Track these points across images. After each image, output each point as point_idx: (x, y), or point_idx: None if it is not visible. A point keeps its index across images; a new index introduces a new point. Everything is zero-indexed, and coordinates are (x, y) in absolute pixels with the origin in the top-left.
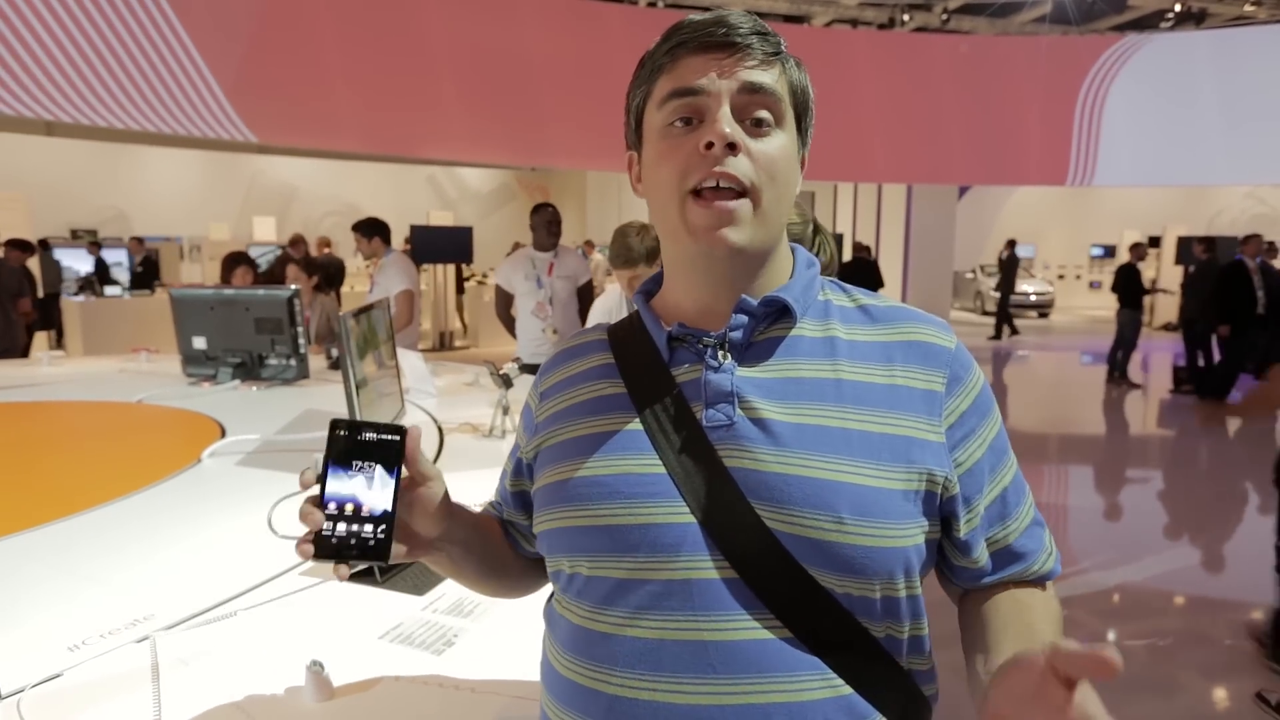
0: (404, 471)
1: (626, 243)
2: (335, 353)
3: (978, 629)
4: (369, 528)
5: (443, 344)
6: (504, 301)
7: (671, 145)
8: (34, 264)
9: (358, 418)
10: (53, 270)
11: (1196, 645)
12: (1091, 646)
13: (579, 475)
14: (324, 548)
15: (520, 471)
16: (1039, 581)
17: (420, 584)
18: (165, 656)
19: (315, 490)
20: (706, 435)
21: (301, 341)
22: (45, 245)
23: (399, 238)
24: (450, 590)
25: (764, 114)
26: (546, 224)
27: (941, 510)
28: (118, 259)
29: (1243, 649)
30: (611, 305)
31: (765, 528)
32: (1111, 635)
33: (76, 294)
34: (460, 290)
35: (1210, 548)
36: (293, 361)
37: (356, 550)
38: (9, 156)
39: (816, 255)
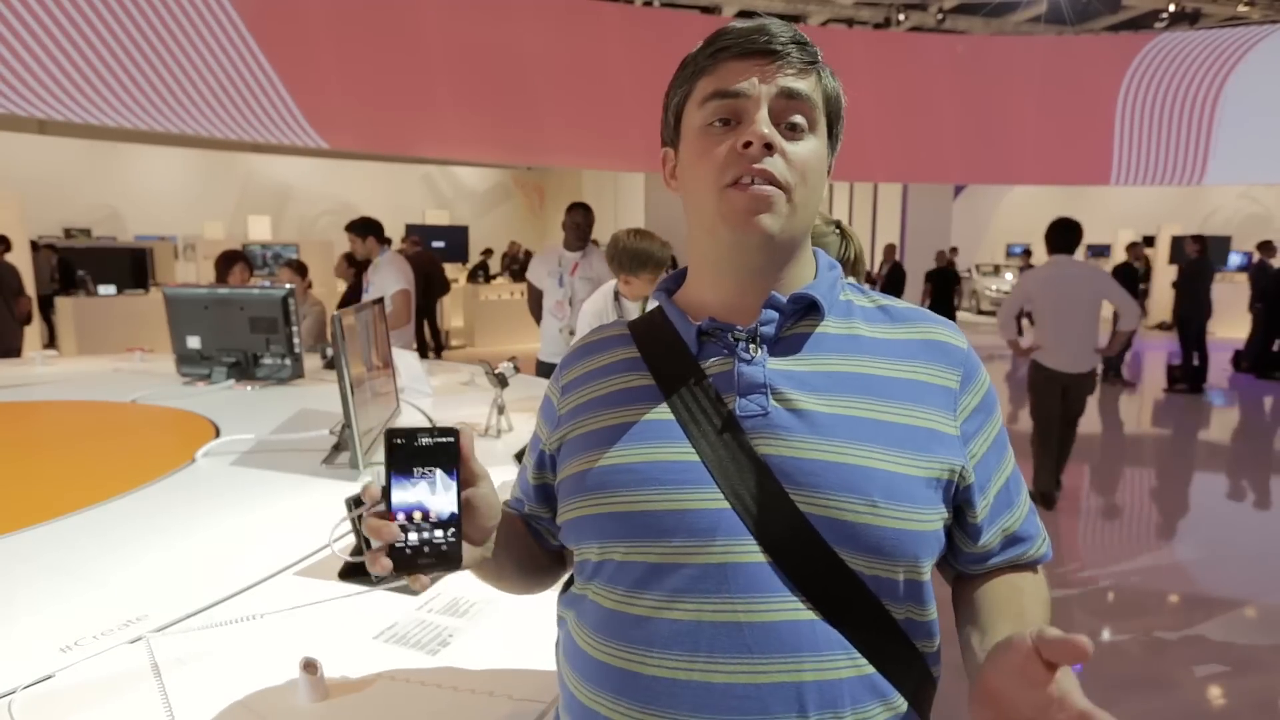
0: (461, 472)
1: (620, 246)
2: (329, 352)
3: (975, 610)
4: (439, 532)
5: (439, 344)
6: (534, 296)
7: (710, 143)
8: (26, 264)
9: (405, 427)
10: (44, 270)
11: (1193, 642)
12: (1068, 635)
13: (610, 463)
14: (400, 559)
15: (543, 464)
16: (1031, 565)
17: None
18: (159, 657)
19: (374, 502)
20: (740, 424)
21: (296, 341)
22: (36, 246)
23: (396, 238)
24: (445, 590)
25: (799, 119)
26: (575, 226)
27: (955, 499)
28: (115, 260)
29: (1241, 647)
30: (600, 308)
31: (799, 512)
32: (1107, 632)
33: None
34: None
35: (1206, 545)
36: (288, 361)
37: (431, 557)
38: (1, 155)
39: (844, 254)
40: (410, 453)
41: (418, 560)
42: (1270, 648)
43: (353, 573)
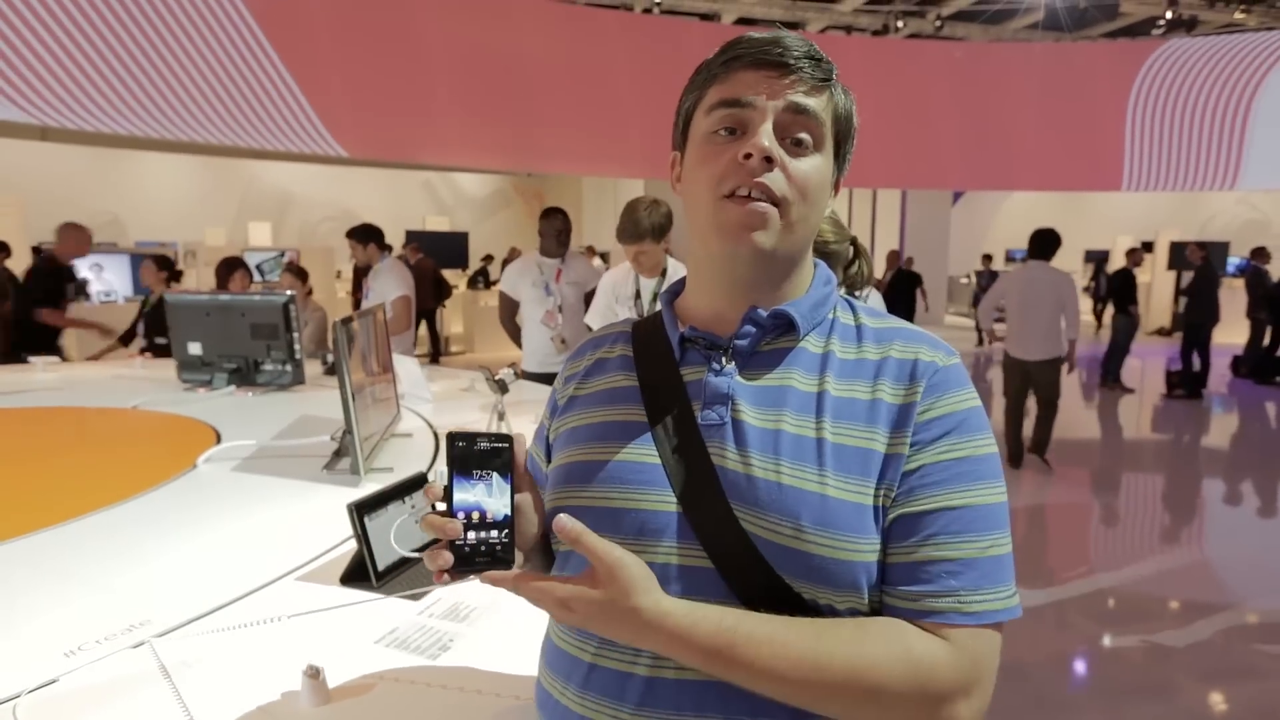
0: (513, 478)
1: (635, 217)
2: (330, 358)
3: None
4: (494, 533)
5: (439, 350)
6: (509, 309)
7: (713, 151)
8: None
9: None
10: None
11: (1193, 648)
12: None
13: (585, 459)
14: (458, 556)
15: (549, 453)
16: (933, 623)
17: (416, 588)
18: (162, 662)
19: (436, 503)
20: (700, 433)
21: (297, 347)
22: (38, 251)
23: (397, 243)
24: (446, 595)
25: (804, 135)
26: (556, 232)
27: None
28: (113, 265)
29: (1242, 653)
30: (619, 280)
31: (739, 525)
32: (1108, 639)
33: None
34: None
35: (1206, 551)
36: (288, 367)
37: (487, 556)
38: (3, 161)
39: (856, 272)
40: (469, 455)
41: (475, 559)
42: (1271, 654)
43: (354, 578)
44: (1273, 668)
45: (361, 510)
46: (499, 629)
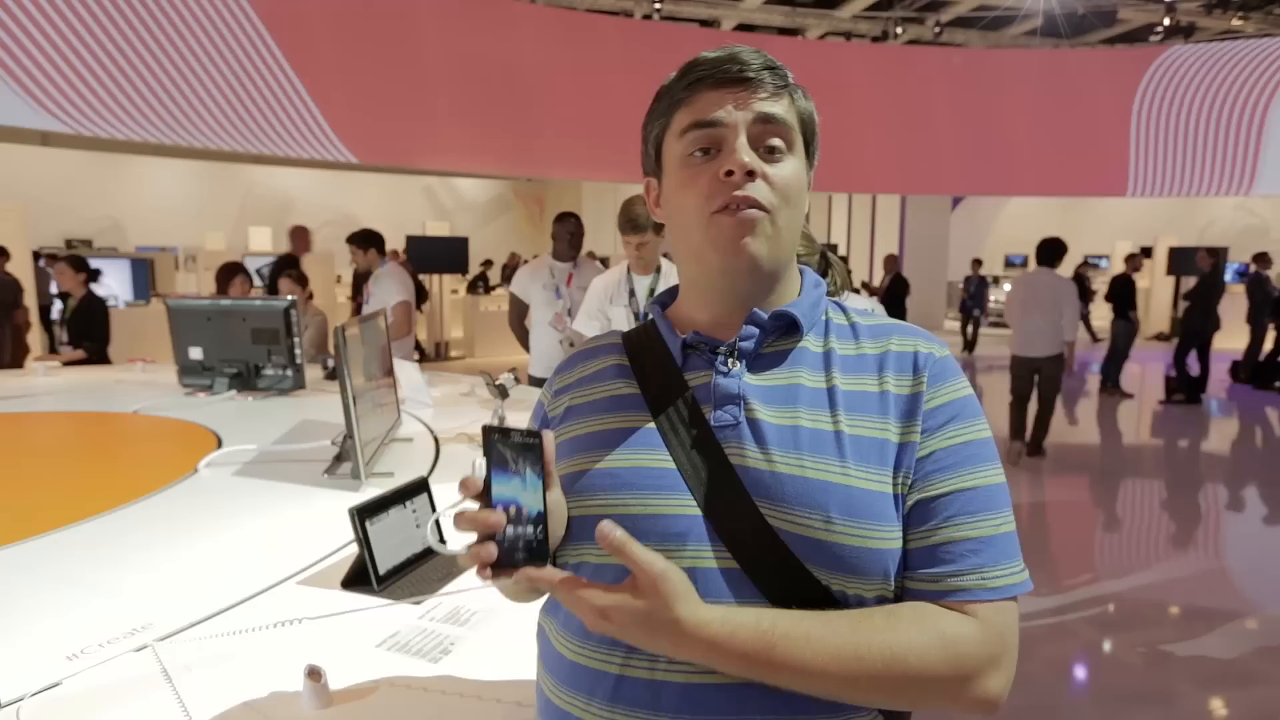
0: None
1: (634, 210)
2: (331, 363)
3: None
4: (529, 528)
5: (438, 354)
6: (519, 311)
7: (693, 174)
8: (28, 275)
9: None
10: (44, 282)
11: (1194, 654)
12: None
13: (594, 468)
14: (499, 551)
15: None
16: (967, 603)
17: (417, 592)
18: (164, 666)
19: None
20: (715, 434)
21: (298, 352)
22: (38, 256)
23: (397, 248)
24: (447, 599)
25: (777, 142)
26: (569, 235)
27: None
28: (114, 270)
29: (1241, 659)
30: (611, 281)
31: (765, 522)
32: (1108, 645)
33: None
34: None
35: (1206, 557)
36: (289, 372)
37: (524, 552)
38: (4, 166)
39: (829, 284)
40: (505, 448)
41: (514, 554)
42: (1271, 660)
43: (355, 582)
44: (1273, 674)
45: (363, 515)
46: (500, 633)
